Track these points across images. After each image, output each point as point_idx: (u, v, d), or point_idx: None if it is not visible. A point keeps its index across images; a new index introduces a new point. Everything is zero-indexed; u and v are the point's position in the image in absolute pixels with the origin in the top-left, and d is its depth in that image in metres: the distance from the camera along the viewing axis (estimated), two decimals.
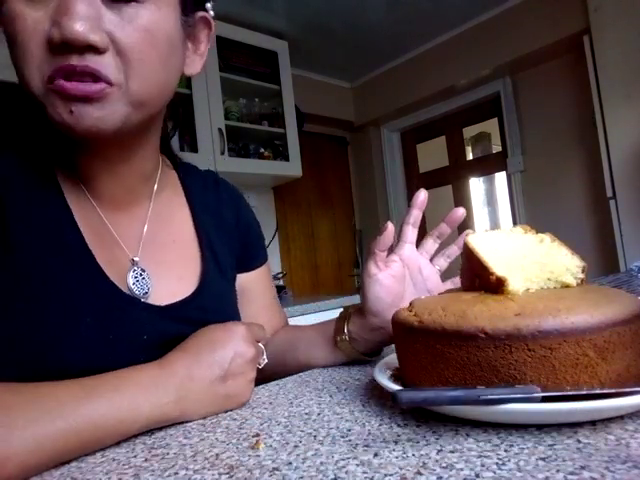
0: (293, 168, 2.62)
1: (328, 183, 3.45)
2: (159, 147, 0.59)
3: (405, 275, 0.57)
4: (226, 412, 0.47)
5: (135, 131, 0.49)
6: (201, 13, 0.51)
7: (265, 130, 2.57)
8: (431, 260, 0.61)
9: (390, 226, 0.54)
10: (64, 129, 0.43)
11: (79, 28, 0.38)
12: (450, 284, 0.61)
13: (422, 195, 0.57)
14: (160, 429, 0.43)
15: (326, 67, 3.15)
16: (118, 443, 0.40)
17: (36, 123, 0.52)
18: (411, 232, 0.58)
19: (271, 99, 2.65)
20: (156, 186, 0.59)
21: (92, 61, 0.40)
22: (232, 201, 0.70)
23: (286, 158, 2.61)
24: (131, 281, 0.52)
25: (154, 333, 0.51)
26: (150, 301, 0.53)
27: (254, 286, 0.71)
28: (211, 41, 0.54)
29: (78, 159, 0.51)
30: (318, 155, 3.38)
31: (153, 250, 0.56)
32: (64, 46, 0.39)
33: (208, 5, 0.52)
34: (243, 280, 0.70)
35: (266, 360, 0.54)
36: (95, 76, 0.40)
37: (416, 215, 0.57)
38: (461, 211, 0.58)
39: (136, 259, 0.54)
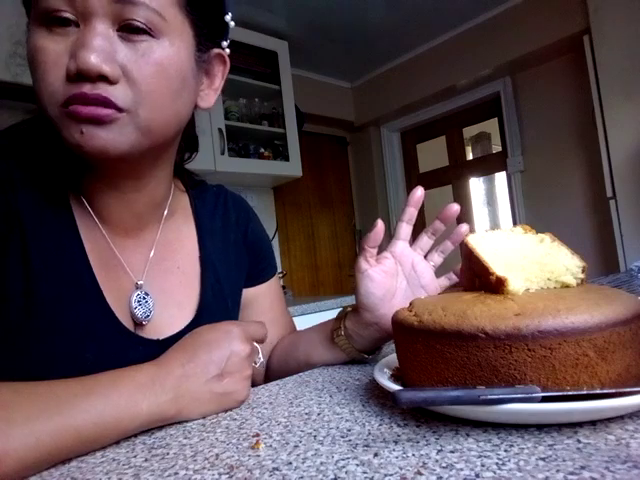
0: (293, 168, 2.62)
1: (328, 183, 3.45)
2: (172, 174, 0.61)
3: (397, 271, 0.58)
4: (226, 412, 0.47)
5: (145, 159, 0.51)
6: (217, 50, 0.54)
7: (265, 130, 2.57)
8: (426, 256, 0.61)
9: (380, 223, 0.56)
10: (75, 149, 0.45)
11: (93, 60, 0.42)
12: (444, 280, 0.62)
13: (419, 192, 0.57)
14: (160, 429, 0.43)
15: (326, 67, 3.15)
16: (118, 443, 0.40)
17: (52, 149, 0.54)
18: (404, 229, 0.58)
19: (271, 99, 2.65)
20: (166, 212, 0.61)
21: (104, 90, 0.43)
22: (241, 219, 0.72)
23: (286, 158, 2.61)
24: (134, 304, 0.54)
25: None
26: (150, 326, 0.55)
27: (262, 299, 0.73)
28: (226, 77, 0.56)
29: (89, 185, 0.53)
30: (318, 155, 3.38)
31: (157, 275, 0.58)
32: (79, 76, 0.42)
33: (224, 43, 0.55)
34: (252, 293, 0.72)
35: (262, 359, 0.54)
36: (106, 103, 0.43)
37: (411, 213, 0.58)
38: (455, 207, 0.57)
39: (140, 283, 0.56)
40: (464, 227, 0.59)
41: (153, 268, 0.57)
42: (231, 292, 0.67)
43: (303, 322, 0.96)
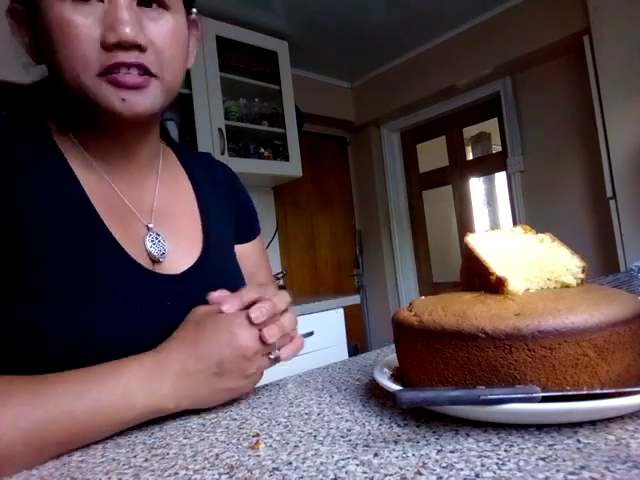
0: (293, 168, 2.62)
1: (328, 183, 3.44)
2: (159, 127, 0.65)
3: None
4: (226, 412, 0.47)
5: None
6: (192, 17, 0.60)
7: (265, 130, 2.57)
8: None
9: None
10: (114, 114, 0.49)
11: (130, 32, 0.47)
12: None
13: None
14: (160, 429, 0.43)
15: (326, 67, 3.15)
16: (118, 443, 0.40)
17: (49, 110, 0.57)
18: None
19: (271, 99, 2.65)
20: (161, 162, 0.65)
21: (138, 57, 0.48)
22: (227, 177, 0.76)
23: (286, 158, 2.60)
24: (149, 244, 0.57)
25: (175, 299, 0.55)
26: (166, 263, 0.58)
27: (245, 259, 0.74)
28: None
29: (92, 141, 0.56)
30: (318, 155, 3.38)
31: (163, 219, 0.61)
32: (116, 46, 0.47)
33: (194, 10, 0.62)
34: (241, 251, 0.73)
35: (279, 353, 0.50)
36: (142, 68, 0.49)
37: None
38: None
39: (150, 225, 0.59)
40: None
41: (158, 213, 0.61)
42: (228, 238, 0.70)
43: (303, 322, 0.96)
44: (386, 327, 3.18)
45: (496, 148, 3.14)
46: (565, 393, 0.32)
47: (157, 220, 0.61)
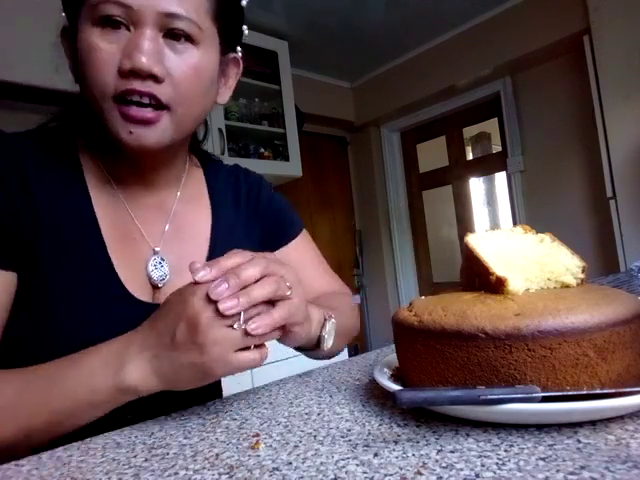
0: (293, 168, 2.62)
1: (328, 183, 3.44)
2: (187, 152, 0.66)
3: None
4: (226, 412, 0.47)
5: (169, 148, 0.56)
6: (233, 54, 0.62)
7: (265, 130, 2.57)
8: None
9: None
10: (120, 144, 0.51)
11: (145, 61, 0.48)
12: None
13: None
14: (160, 429, 0.43)
15: (326, 67, 3.15)
16: (118, 443, 0.40)
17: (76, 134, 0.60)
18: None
19: (271, 99, 2.65)
20: (181, 188, 0.65)
21: (152, 87, 0.49)
22: (252, 193, 0.73)
23: (286, 158, 2.60)
24: (150, 268, 0.57)
25: None
26: (167, 289, 0.56)
27: (288, 258, 0.71)
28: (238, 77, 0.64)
29: (111, 165, 0.59)
30: (318, 155, 3.38)
31: (173, 244, 0.61)
32: (131, 73, 0.48)
33: (238, 48, 0.63)
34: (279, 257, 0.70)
35: (242, 324, 0.41)
36: (153, 98, 0.50)
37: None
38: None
39: (157, 249, 0.59)
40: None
41: (169, 237, 0.61)
42: None
43: None
44: (386, 327, 3.18)
45: (496, 148, 3.14)
46: (565, 393, 0.32)
47: (166, 244, 0.60)
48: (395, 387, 0.38)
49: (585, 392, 0.32)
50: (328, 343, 0.56)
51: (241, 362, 0.42)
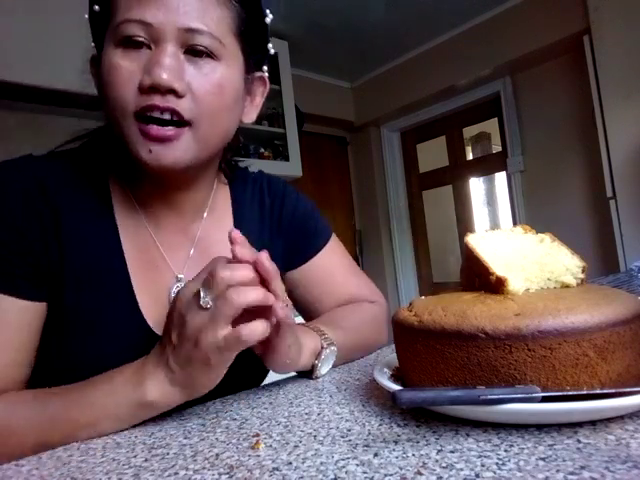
0: (293, 168, 2.62)
1: (328, 183, 3.44)
2: (215, 174, 0.65)
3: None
4: (226, 412, 0.47)
5: (194, 168, 0.55)
6: (259, 73, 0.61)
7: (265, 130, 2.57)
8: None
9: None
10: (140, 163, 0.50)
11: (165, 76, 0.47)
12: None
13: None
14: (160, 429, 0.43)
15: (326, 67, 3.15)
16: (118, 443, 0.40)
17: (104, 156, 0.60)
18: None
19: (271, 99, 2.64)
20: (207, 209, 0.64)
21: (172, 102, 0.49)
22: (275, 204, 0.72)
23: (286, 158, 2.60)
24: (173, 296, 0.55)
25: None
26: None
27: (313, 274, 0.71)
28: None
29: (137, 188, 0.58)
30: (318, 155, 3.38)
31: (197, 270, 0.56)
32: (151, 89, 0.48)
33: (265, 67, 0.62)
34: (299, 273, 0.71)
35: (210, 303, 0.42)
36: (175, 113, 0.49)
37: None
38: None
39: (180, 276, 0.58)
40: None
41: (193, 262, 0.60)
42: None
43: (303, 322, 0.96)
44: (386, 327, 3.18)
45: (496, 148, 3.14)
46: (565, 393, 0.32)
47: (190, 270, 0.58)
48: (395, 387, 0.38)
49: (585, 392, 0.32)
50: (321, 371, 0.57)
51: (228, 339, 0.41)
